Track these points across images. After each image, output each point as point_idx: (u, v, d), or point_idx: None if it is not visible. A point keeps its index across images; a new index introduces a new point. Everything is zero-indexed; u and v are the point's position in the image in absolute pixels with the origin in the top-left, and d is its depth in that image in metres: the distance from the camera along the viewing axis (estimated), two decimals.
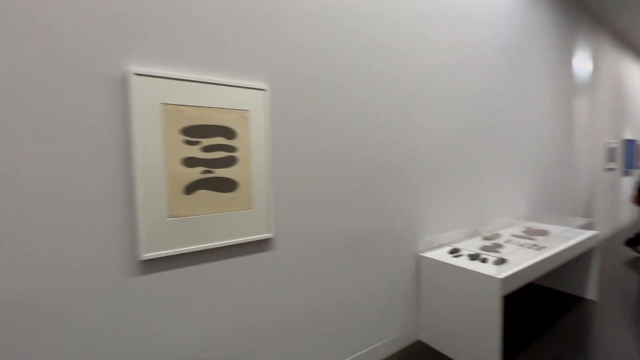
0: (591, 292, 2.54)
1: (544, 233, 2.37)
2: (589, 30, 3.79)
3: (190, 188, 1.18)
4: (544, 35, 3.04)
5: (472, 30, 2.27)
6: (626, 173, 5.05)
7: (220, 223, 1.25)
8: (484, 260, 1.80)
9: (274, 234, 1.39)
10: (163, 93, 1.12)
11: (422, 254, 1.97)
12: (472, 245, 2.14)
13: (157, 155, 1.11)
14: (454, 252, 1.97)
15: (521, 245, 2.10)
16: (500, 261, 1.76)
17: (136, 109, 1.07)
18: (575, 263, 2.60)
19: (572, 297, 2.59)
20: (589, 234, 2.39)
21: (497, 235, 2.31)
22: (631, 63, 5.11)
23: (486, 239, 2.26)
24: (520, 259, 1.84)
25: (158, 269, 1.14)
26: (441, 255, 1.95)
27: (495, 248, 2.02)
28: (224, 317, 1.29)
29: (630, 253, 3.69)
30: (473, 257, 1.85)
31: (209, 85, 1.21)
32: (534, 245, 2.06)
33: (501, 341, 1.69)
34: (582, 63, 3.66)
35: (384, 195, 1.81)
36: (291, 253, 1.46)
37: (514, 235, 2.34)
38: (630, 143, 4.99)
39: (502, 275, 1.58)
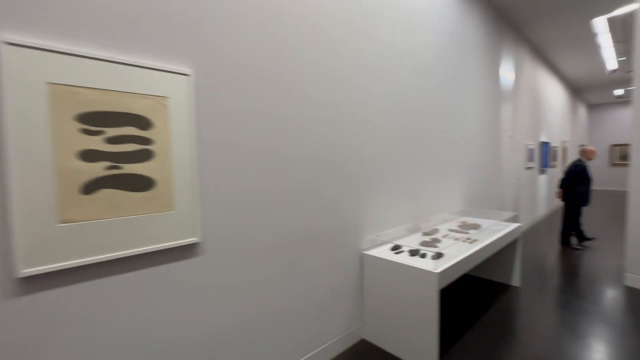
0: (515, 279, 2.78)
1: (476, 227, 2.53)
2: (512, 43, 4.19)
3: (91, 187, 0.98)
4: (475, 44, 3.27)
5: (413, 34, 2.33)
6: (542, 171, 5.72)
7: (132, 228, 1.06)
8: (423, 256, 1.84)
9: (200, 238, 1.23)
10: (51, 70, 0.91)
11: (365, 252, 1.96)
12: (413, 241, 2.19)
13: (41, 147, 0.90)
14: (396, 248, 1.99)
15: (456, 239, 2.20)
16: (438, 256, 1.81)
17: (8, 87, 0.85)
18: (501, 253, 2.82)
19: (499, 284, 2.81)
20: (513, 226, 2.61)
21: (435, 231, 2.41)
22: (545, 74, 5.81)
23: (426, 234, 2.34)
24: (456, 252, 1.91)
25: (45, 287, 0.92)
26: (384, 252, 1.95)
27: (433, 243, 2.08)
28: (137, 339, 1.10)
29: (547, 242, 4.17)
30: (413, 252, 1.88)
31: (116, 65, 1.02)
32: (468, 239, 2.17)
33: (439, 333, 1.72)
34: (506, 72, 4.04)
35: (327, 193, 1.75)
36: (222, 259, 1.31)
37: (451, 230, 2.46)
38: (545, 145, 5.67)
39: (438, 270, 1.62)
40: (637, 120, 2.71)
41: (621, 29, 4.37)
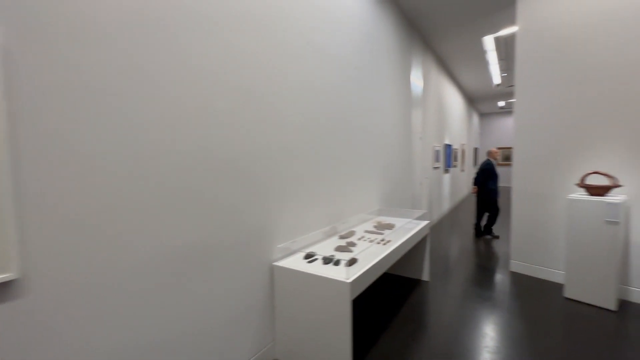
0: (425, 274, 2.93)
1: (390, 226, 2.57)
2: (421, 51, 4.51)
3: None
4: (388, 48, 3.36)
5: (328, 27, 2.22)
6: (446, 171, 6.37)
7: None
8: (337, 263, 1.73)
9: (19, 274, 0.86)
10: None
11: (276, 264, 1.75)
12: (329, 246, 2.08)
13: None
14: (309, 257, 1.84)
15: (372, 241, 2.17)
16: (351, 262, 1.71)
17: None
18: (412, 250, 2.94)
19: (411, 280, 2.93)
20: (423, 223, 2.73)
21: (352, 233, 2.35)
22: (447, 84, 6.48)
23: (342, 237, 2.26)
24: (370, 256, 1.85)
25: None
26: (296, 262, 1.78)
27: (348, 247, 2.00)
28: None
29: (452, 234, 4.59)
30: (326, 260, 1.75)
31: None
32: (382, 240, 2.15)
33: (352, 345, 1.61)
34: (416, 79, 4.32)
35: (224, 199, 1.49)
36: (60, 299, 0.95)
37: (367, 231, 2.44)
38: (448, 147, 6.32)
39: (350, 279, 1.51)
40: (517, 127, 3.10)
41: (504, 48, 5.10)
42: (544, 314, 2.30)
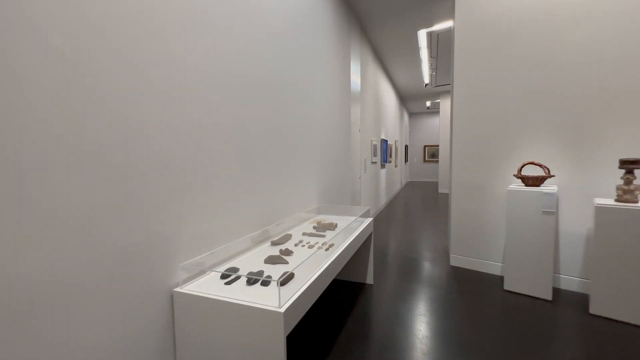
0: (370, 277, 2.66)
1: (332, 226, 2.20)
2: (359, 41, 4.28)
3: None
4: (327, 33, 3.00)
5: (261, 19, 1.74)
6: (382, 166, 6.37)
7: None
8: (265, 283, 1.27)
9: None
10: None
11: (178, 289, 1.22)
12: (258, 257, 1.61)
13: None
14: (228, 275, 1.35)
15: (311, 246, 1.76)
16: (286, 279, 1.28)
17: None
18: (356, 251, 2.64)
19: (355, 285, 2.63)
20: (367, 221, 2.44)
21: (287, 238, 1.91)
22: (383, 79, 6.48)
23: (275, 244, 1.81)
24: (311, 267, 1.44)
25: None
26: (208, 284, 1.28)
27: (282, 258, 1.56)
28: None
29: (389, 230, 4.49)
30: (251, 279, 1.28)
31: None
32: (324, 244, 1.76)
33: None
34: (355, 72, 4.07)
35: (78, 208, 0.91)
36: None
37: (305, 234, 2.03)
38: (384, 142, 6.32)
39: (284, 307, 1.07)
40: (455, 118, 3.03)
41: (436, 45, 5.20)
42: (483, 308, 2.19)
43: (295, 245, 1.79)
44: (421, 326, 1.98)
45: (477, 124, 2.87)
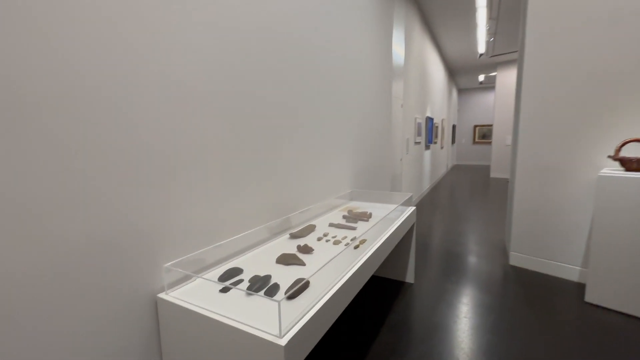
0: (410, 274, 2.28)
1: (366, 217, 1.84)
2: (404, 8, 3.69)
3: None
4: (367, 12, 2.52)
5: None
6: (427, 147, 5.75)
7: None
8: (271, 291, 0.97)
9: None
10: None
11: (162, 296, 0.97)
12: (271, 253, 1.32)
13: None
14: (230, 277, 1.07)
15: (338, 241, 1.43)
16: (298, 291, 0.96)
17: None
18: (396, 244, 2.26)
19: (392, 283, 2.27)
20: (409, 211, 2.04)
21: (310, 229, 1.59)
22: (431, 49, 5.75)
23: (294, 237, 1.50)
24: (333, 272, 1.11)
25: None
26: (202, 289, 1.01)
27: (297, 257, 1.25)
28: None
29: (433, 221, 4.00)
30: (255, 286, 0.99)
31: None
32: (353, 240, 1.42)
33: None
34: (399, 40, 3.52)
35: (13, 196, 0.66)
36: None
37: (332, 225, 1.69)
38: (430, 120, 5.67)
39: (287, 337, 0.76)
40: (526, 84, 2.42)
41: (497, 4, 4.38)
42: (557, 324, 1.71)
43: (319, 239, 1.47)
44: (473, 344, 1.58)
45: (558, 93, 2.25)
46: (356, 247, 1.36)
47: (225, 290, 0.99)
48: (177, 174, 1.02)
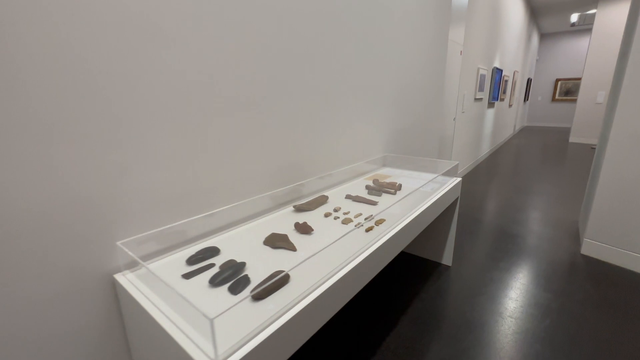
0: (447, 256, 1.95)
1: (394, 188, 1.52)
2: None
3: None
4: None
5: None
6: (491, 105, 4.92)
7: None
8: (238, 286, 0.76)
9: None
10: None
11: (119, 277, 0.83)
12: (265, 227, 1.11)
13: None
14: (201, 259, 0.89)
15: (348, 220, 1.16)
16: (269, 290, 0.74)
17: None
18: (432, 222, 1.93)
19: (426, 263, 1.97)
20: (452, 183, 1.66)
21: (320, 201, 1.34)
22: None
23: (299, 209, 1.27)
24: (325, 264, 0.86)
25: None
26: (166, 272, 0.85)
27: (287, 240, 1.02)
28: None
29: (488, 193, 3.46)
30: (217, 279, 0.79)
31: None
32: (369, 218, 1.13)
33: None
34: None
35: None
36: None
37: (349, 197, 1.42)
38: (498, 72, 4.76)
39: None
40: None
41: None
42: None
43: (326, 215, 1.22)
44: (516, 353, 1.27)
45: None
46: (368, 229, 1.08)
47: (187, 276, 0.81)
48: (143, 128, 0.82)
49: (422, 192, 1.49)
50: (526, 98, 9.00)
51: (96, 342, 0.84)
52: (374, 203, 1.34)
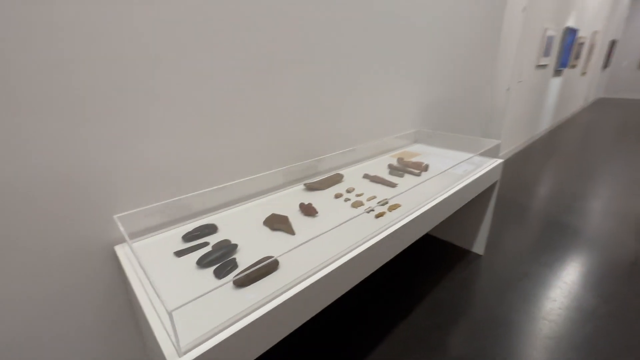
0: (479, 244, 1.78)
1: (419, 168, 1.38)
2: None
3: None
4: None
5: None
6: (557, 72, 4.25)
7: None
8: (220, 270, 0.73)
9: None
10: None
11: (117, 248, 0.85)
12: (268, 208, 1.06)
13: None
14: (197, 237, 0.88)
15: (359, 203, 1.07)
16: (252, 277, 0.69)
17: None
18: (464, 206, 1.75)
19: (455, 250, 1.83)
20: (490, 165, 1.46)
21: (334, 180, 1.25)
22: None
23: (310, 188, 1.20)
24: (321, 252, 0.80)
25: None
26: (162, 248, 0.84)
27: (286, 222, 0.96)
28: None
29: (542, 175, 3.07)
30: (204, 261, 0.76)
31: None
32: (381, 203, 1.03)
33: None
34: None
35: None
36: None
37: (367, 176, 1.31)
38: (571, 33, 4.04)
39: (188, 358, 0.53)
40: None
41: None
42: None
43: (336, 196, 1.13)
44: None
45: None
46: (379, 215, 0.98)
47: (179, 254, 0.80)
48: (141, 96, 0.78)
49: (451, 174, 1.33)
50: (606, 64, 7.68)
51: (101, 303, 0.88)
52: (392, 185, 1.22)
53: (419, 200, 1.08)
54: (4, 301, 0.72)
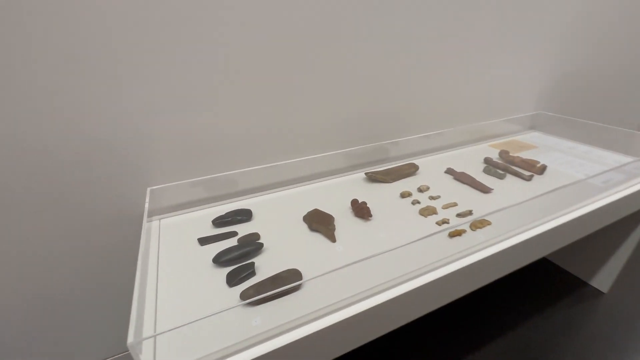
0: (603, 278, 1.31)
1: (532, 167, 1.00)
2: None
3: None
4: None
5: None
6: None
7: None
8: (234, 276, 0.60)
9: None
10: None
11: (147, 222, 0.81)
12: (315, 198, 0.90)
13: None
14: (223, 224, 0.77)
15: (432, 210, 0.81)
16: (259, 289, 0.55)
17: None
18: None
19: (565, 280, 1.39)
20: (638, 184, 0.97)
21: (403, 172, 0.99)
22: None
23: (373, 179, 0.97)
24: (367, 277, 0.60)
25: None
26: (190, 228, 0.77)
27: (329, 225, 0.77)
28: None
29: None
30: (226, 255, 0.64)
31: None
32: (462, 215, 0.75)
33: None
34: None
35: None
36: None
37: (451, 172, 1.00)
38: None
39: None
40: None
41: None
42: None
43: (403, 195, 0.88)
44: None
45: None
46: (453, 234, 0.71)
47: (202, 242, 0.71)
48: (179, 63, 0.68)
49: (587, 186, 0.93)
50: None
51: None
52: (485, 190, 0.91)
53: (520, 218, 0.76)
54: (51, 257, 0.75)
